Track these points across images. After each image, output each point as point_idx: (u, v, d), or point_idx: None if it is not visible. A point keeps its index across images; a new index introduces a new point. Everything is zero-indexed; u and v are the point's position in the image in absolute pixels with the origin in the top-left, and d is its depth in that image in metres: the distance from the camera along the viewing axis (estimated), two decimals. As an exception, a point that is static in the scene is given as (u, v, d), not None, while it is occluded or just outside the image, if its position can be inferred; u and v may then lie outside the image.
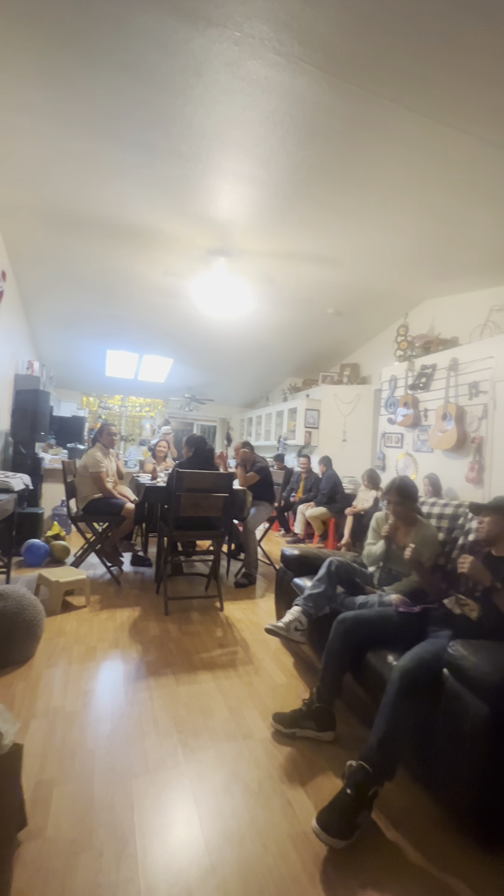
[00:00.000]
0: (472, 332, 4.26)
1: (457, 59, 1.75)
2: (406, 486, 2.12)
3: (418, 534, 2.05)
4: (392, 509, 2.11)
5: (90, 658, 2.19)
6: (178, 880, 1.11)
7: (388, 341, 5.69)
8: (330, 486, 5.28)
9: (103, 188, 3.02)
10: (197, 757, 1.54)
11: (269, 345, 6.57)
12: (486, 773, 1.21)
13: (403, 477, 2.22)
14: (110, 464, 3.71)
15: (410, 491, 2.12)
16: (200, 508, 2.92)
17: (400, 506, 2.08)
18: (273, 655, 2.36)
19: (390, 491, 2.12)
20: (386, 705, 1.38)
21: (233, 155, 2.57)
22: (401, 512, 2.09)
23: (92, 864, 1.13)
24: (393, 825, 1.33)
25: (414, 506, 2.14)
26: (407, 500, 2.10)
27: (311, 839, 1.24)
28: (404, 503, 2.09)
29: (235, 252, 3.85)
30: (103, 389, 8.84)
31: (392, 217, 3.11)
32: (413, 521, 2.10)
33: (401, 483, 2.13)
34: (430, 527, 2.10)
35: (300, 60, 1.85)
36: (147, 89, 2.10)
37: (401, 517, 2.10)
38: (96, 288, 4.86)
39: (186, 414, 9.53)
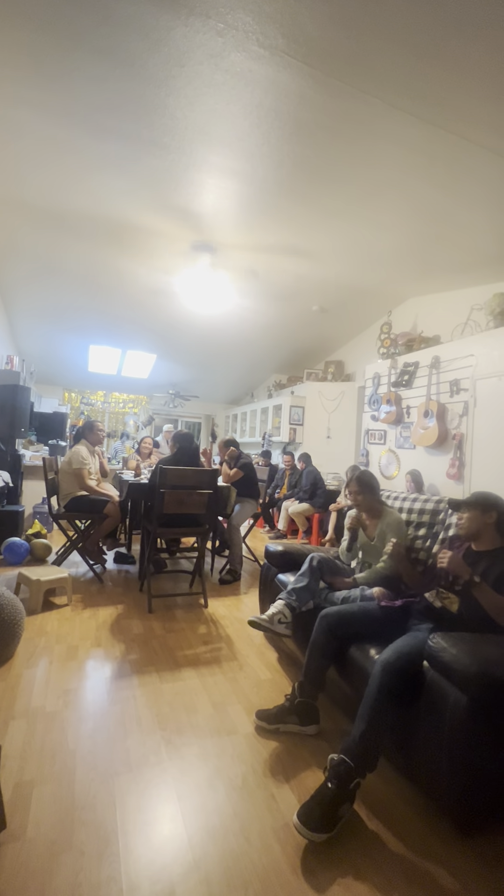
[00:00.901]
0: (454, 330, 4.33)
1: (439, 58, 1.76)
2: (365, 476, 2.21)
3: (384, 521, 2.13)
4: (353, 499, 2.19)
5: (72, 657, 2.16)
6: (161, 877, 1.11)
7: (371, 339, 5.74)
8: (311, 483, 5.31)
9: (83, 179, 2.96)
10: (180, 754, 1.54)
11: (253, 341, 6.56)
12: (464, 762, 1.24)
13: (363, 469, 2.31)
14: (95, 461, 3.66)
15: (370, 480, 2.21)
16: (185, 505, 2.91)
17: (360, 495, 2.18)
18: (257, 651, 2.37)
19: (350, 482, 2.22)
20: (368, 698, 1.39)
21: (216, 148, 2.54)
22: (362, 501, 2.18)
23: (73, 864, 1.12)
24: (374, 815, 1.35)
25: (376, 495, 2.22)
26: (367, 489, 2.18)
27: (293, 831, 1.25)
28: (364, 492, 2.17)
29: (220, 247, 3.82)
30: (86, 385, 8.70)
31: (376, 214, 3.12)
32: (378, 512, 2.19)
33: (360, 474, 2.23)
34: (393, 513, 2.20)
35: (284, 54, 1.83)
36: (127, 78, 2.06)
37: (364, 507, 2.19)
38: (78, 282, 4.77)
39: (171, 410, 9.46)
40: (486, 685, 1.23)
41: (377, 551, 2.12)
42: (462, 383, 3.90)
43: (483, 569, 1.63)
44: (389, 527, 2.11)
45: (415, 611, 1.75)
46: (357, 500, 2.19)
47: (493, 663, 1.28)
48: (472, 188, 2.64)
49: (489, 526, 1.68)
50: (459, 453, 3.85)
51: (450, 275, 4.13)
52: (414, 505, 2.32)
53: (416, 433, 4.33)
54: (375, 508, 2.20)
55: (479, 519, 1.68)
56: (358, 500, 2.19)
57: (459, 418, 3.90)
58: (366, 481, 2.19)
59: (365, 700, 1.40)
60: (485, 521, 1.68)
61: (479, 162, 2.37)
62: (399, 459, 4.65)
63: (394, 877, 1.16)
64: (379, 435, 4.99)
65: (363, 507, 2.19)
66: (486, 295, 3.89)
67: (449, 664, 1.30)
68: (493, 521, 1.67)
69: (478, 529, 1.69)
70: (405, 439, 4.57)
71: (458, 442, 3.86)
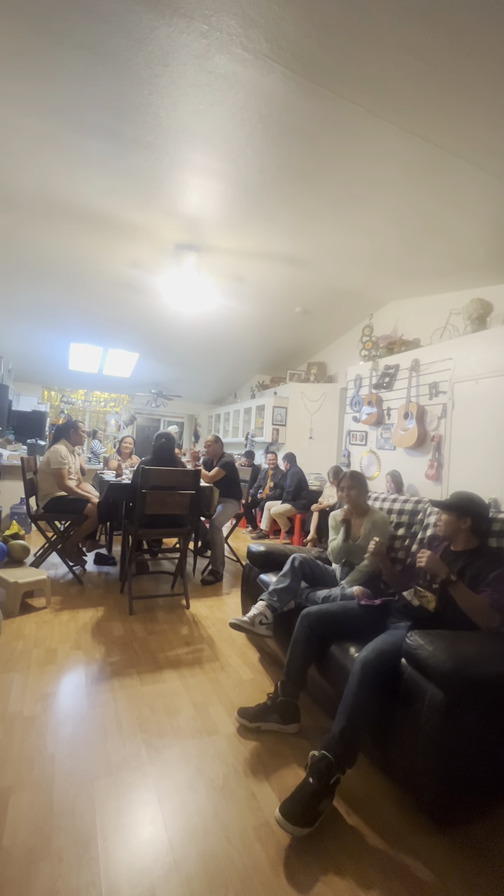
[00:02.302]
0: (433, 334, 4.42)
1: (419, 69, 1.80)
2: (358, 474, 2.31)
3: (369, 520, 2.19)
4: (346, 493, 2.26)
5: (50, 661, 2.13)
6: (142, 880, 1.10)
7: (353, 341, 5.82)
8: (295, 483, 5.35)
9: (65, 174, 2.91)
10: (161, 756, 1.53)
11: (237, 341, 6.56)
12: (440, 756, 1.27)
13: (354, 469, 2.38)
14: (74, 461, 3.60)
15: (362, 478, 2.31)
16: (166, 506, 2.89)
17: (353, 489, 2.24)
18: (239, 651, 2.38)
19: (344, 478, 2.31)
20: (348, 695, 1.42)
21: (201, 149, 2.54)
22: (353, 496, 2.24)
23: (51, 870, 1.11)
24: (353, 810, 1.38)
25: (365, 495, 2.30)
26: (359, 485, 2.27)
27: (274, 829, 1.27)
28: (356, 487, 2.25)
29: (203, 247, 3.81)
30: (66, 383, 8.55)
31: (358, 218, 3.17)
32: (364, 511, 2.26)
33: (353, 472, 2.34)
34: (379, 512, 2.27)
35: (268, 58, 1.85)
36: (110, 75, 2.04)
37: (353, 502, 2.25)
38: (59, 278, 4.69)
39: (153, 410, 9.38)
40: (461, 681, 1.27)
41: (361, 551, 2.15)
42: (441, 386, 3.98)
43: (459, 568, 1.67)
44: (375, 525, 2.17)
45: (393, 609, 1.79)
46: (350, 494, 2.25)
47: (468, 660, 1.32)
48: (453, 196, 2.70)
49: (465, 529, 1.73)
50: (438, 454, 3.94)
51: (430, 279, 4.22)
52: (394, 505, 2.37)
53: (396, 434, 4.40)
54: (362, 507, 2.26)
55: (454, 523, 1.74)
56: (351, 494, 2.24)
57: (438, 420, 3.99)
58: (359, 477, 2.28)
59: (345, 697, 1.42)
60: (460, 526, 1.73)
61: (459, 172, 2.43)
62: (380, 460, 4.73)
63: (372, 870, 1.18)
64: (360, 436, 5.06)
65: (352, 502, 2.25)
66: (464, 300, 3.99)
67: (425, 661, 1.33)
68: (468, 526, 1.73)
69: (454, 532, 1.74)
70: (386, 440, 4.64)
71: (437, 443, 3.95)
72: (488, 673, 1.32)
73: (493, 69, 1.76)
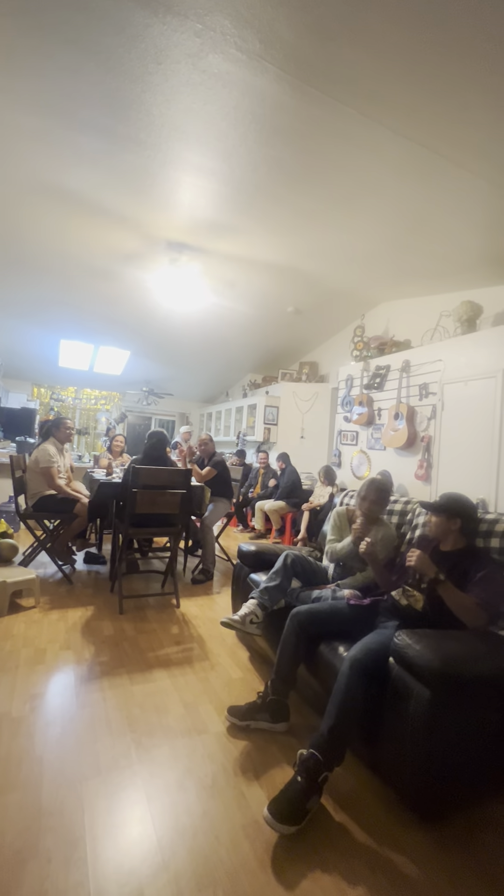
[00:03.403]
0: (424, 335, 4.46)
1: (412, 74, 1.81)
2: (385, 489, 2.16)
3: (378, 532, 2.12)
4: (367, 507, 2.13)
5: (39, 661, 2.12)
6: (130, 879, 1.11)
7: (345, 341, 5.84)
8: (291, 483, 5.35)
9: (56, 170, 2.88)
10: (151, 755, 1.54)
11: (229, 340, 6.56)
12: (426, 753, 1.29)
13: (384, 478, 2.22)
14: (63, 459, 3.57)
15: (386, 494, 2.17)
16: (157, 505, 2.88)
17: (375, 504, 2.13)
18: (229, 650, 2.39)
19: (370, 489, 2.15)
20: (336, 694, 1.43)
21: (194, 147, 2.53)
22: (369, 510, 2.13)
23: (39, 871, 1.11)
24: (341, 807, 1.39)
25: (385, 507, 2.21)
26: (382, 502, 2.16)
27: (263, 828, 1.28)
28: (379, 503, 2.14)
29: (195, 245, 3.80)
30: (56, 380, 8.47)
31: (350, 220, 3.18)
32: (376, 520, 2.18)
33: (380, 484, 2.16)
34: (390, 527, 2.19)
35: (261, 59, 1.85)
36: (103, 71, 2.03)
37: (367, 514, 2.15)
38: (49, 274, 4.64)
39: (144, 408, 9.33)
40: (448, 680, 1.29)
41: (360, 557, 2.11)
42: (431, 387, 4.02)
43: (448, 568, 1.70)
44: (383, 541, 2.07)
45: (382, 609, 1.81)
46: (371, 509, 2.13)
47: (455, 659, 1.34)
48: (444, 199, 2.72)
49: (455, 530, 1.75)
50: (427, 455, 3.98)
51: (421, 281, 4.25)
52: (383, 505, 2.39)
53: (386, 435, 4.44)
54: (375, 518, 2.18)
55: (444, 524, 1.76)
56: (372, 509, 2.13)
57: (428, 421, 4.03)
58: (384, 494, 2.13)
59: (333, 696, 1.44)
60: (450, 527, 1.75)
61: (451, 175, 2.44)
62: (370, 460, 4.76)
63: (359, 866, 1.20)
64: (351, 436, 5.09)
65: (370, 515, 2.15)
66: (454, 302, 4.03)
67: (413, 660, 1.35)
68: (457, 527, 1.75)
69: (444, 533, 1.77)
70: (376, 440, 4.68)
71: (427, 444, 3.99)
72: (474, 672, 1.35)
73: (486, 74, 1.77)
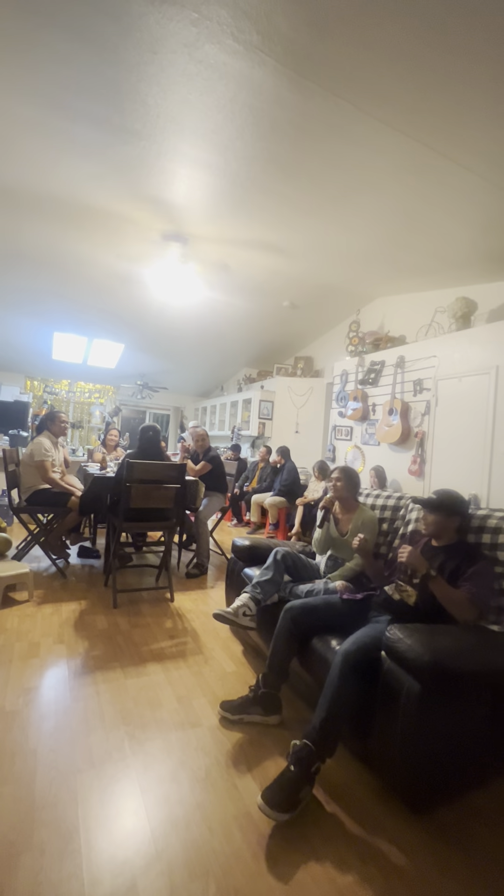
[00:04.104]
0: (419, 331, 4.47)
1: (411, 70, 1.80)
2: (351, 469, 2.31)
3: (359, 518, 2.19)
4: (333, 485, 2.26)
5: (33, 655, 2.12)
6: (123, 870, 1.12)
7: (340, 336, 5.84)
8: (292, 478, 5.34)
9: (50, 160, 2.84)
10: (144, 748, 1.55)
11: (225, 334, 6.53)
12: (416, 745, 1.32)
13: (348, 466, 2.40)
14: (58, 453, 3.56)
15: (354, 475, 2.29)
16: (151, 500, 2.88)
17: (340, 482, 2.24)
18: (223, 644, 2.40)
19: (336, 469, 2.30)
20: (329, 687, 1.45)
21: (189, 139, 2.50)
22: (341, 489, 2.24)
23: (33, 863, 1.12)
24: (333, 798, 1.42)
25: (355, 490, 2.30)
26: (350, 480, 2.26)
27: (255, 819, 1.30)
28: (344, 480, 2.24)
29: (191, 238, 3.77)
30: (49, 373, 8.40)
31: (346, 215, 3.17)
32: (353, 507, 2.26)
33: (347, 466, 2.34)
34: (369, 511, 2.26)
35: (259, 51, 1.82)
36: (98, 60, 1.99)
37: (341, 496, 2.25)
38: (42, 266, 4.59)
39: (139, 402, 9.29)
40: (438, 673, 1.31)
41: (348, 547, 2.17)
42: (425, 383, 4.04)
43: (440, 563, 1.72)
44: (364, 525, 2.16)
45: (375, 603, 1.82)
46: (336, 486, 2.25)
47: (445, 653, 1.36)
48: (441, 196, 2.72)
49: (452, 528, 1.78)
50: (421, 450, 4.00)
51: (416, 277, 4.25)
52: (377, 501, 2.40)
53: (380, 430, 4.46)
54: (352, 503, 2.27)
55: (443, 522, 1.78)
56: (337, 486, 2.25)
57: (422, 417, 4.05)
58: (349, 472, 2.28)
59: (326, 688, 1.46)
60: (448, 525, 1.77)
61: (447, 172, 2.44)
62: (364, 455, 4.78)
63: (350, 856, 1.22)
64: (346, 431, 5.10)
65: (340, 495, 2.25)
66: (449, 298, 4.04)
67: (404, 654, 1.37)
68: (455, 525, 1.77)
69: (441, 530, 1.79)
70: (370, 436, 4.70)
71: (420, 440, 4.01)
72: (464, 666, 1.37)
73: (484, 71, 1.77)
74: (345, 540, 2.20)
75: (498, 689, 1.42)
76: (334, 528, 2.26)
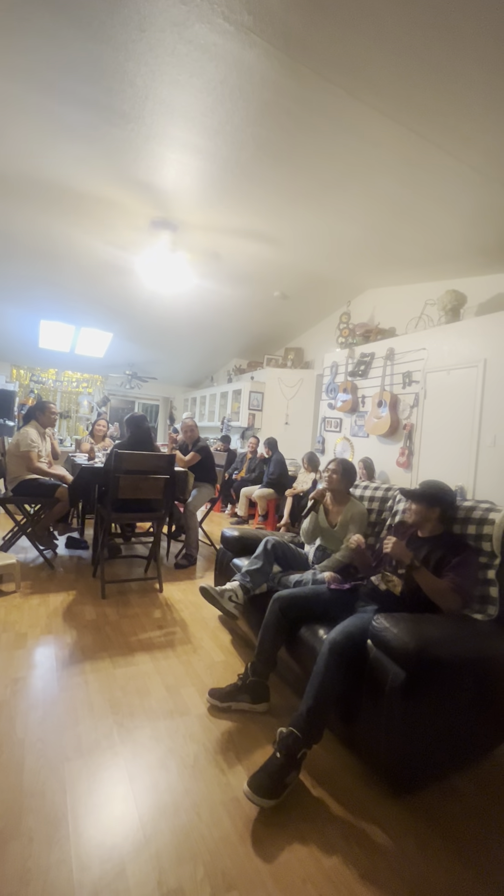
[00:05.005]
0: (408, 323, 4.48)
1: (405, 57, 1.77)
2: (349, 463, 2.31)
3: (349, 511, 2.21)
4: (328, 476, 2.26)
5: (20, 646, 2.11)
6: (112, 856, 1.13)
7: (331, 328, 5.83)
8: (279, 470, 5.35)
9: (35, 142, 2.75)
10: (133, 737, 1.56)
11: (215, 324, 6.47)
12: (400, 730, 1.35)
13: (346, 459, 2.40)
14: (45, 444, 3.51)
15: (352, 468, 2.30)
16: (140, 490, 2.87)
17: (336, 474, 2.24)
18: (212, 634, 2.42)
19: (335, 460, 2.29)
20: (316, 675, 1.47)
21: (179, 122, 2.45)
22: (335, 481, 2.24)
23: (21, 851, 1.12)
24: (319, 783, 1.45)
25: (349, 485, 2.30)
26: (346, 474, 2.26)
27: (243, 804, 1.32)
28: (342, 474, 2.24)
29: (180, 225, 3.71)
30: (36, 362, 8.25)
31: (337, 204, 3.14)
32: (345, 500, 2.26)
33: (345, 459, 2.33)
34: (359, 504, 2.28)
35: (250, 32, 1.78)
36: (84, 36, 1.93)
37: (335, 488, 2.25)
38: (28, 251, 4.48)
39: (127, 392, 9.20)
40: (422, 661, 1.34)
41: (338, 538, 2.20)
42: (414, 375, 4.07)
43: (425, 554, 1.74)
44: (353, 518, 2.17)
45: (362, 593, 1.85)
46: (332, 478, 2.25)
47: (430, 641, 1.39)
48: (432, 187, 2.71)
49: (434, 518, 1.80)
50: (409, 443, 4.04)
51: (407, 269, 4.25)
52: (365, 492, 2.43)
53: (369, 422, 4.48)
54: (343, 496, 2.27)
55: (425, 512, 1.80)
56: (333, 478, 2.24)
57: (410, 409, 4.08)
58: (347, 466, 2.28)
59: (313, 677, 1.48)
60: (430, 515, 1.80)
61: (440, 163, 2.43)
62: (353, 447, 4.81)
63: (334, 838, 1.25)
64: (335, 423, 5.12)
65: (334, 487, 2.25)
66: (439, 291, 4.05)
67: (390, 642, 1.40)
68: (437, 515, 1.80)
69: (424, 520, 1.81)
70: (359, 428, 4.72)
71: (409, 432, 4.05)
72: (447, 654, 1.40)
73: (478, 62, 1.75)
74: (334, 531, 2.22)
75: (479, 675, 1.46)
76: (324, 519, 2.28)
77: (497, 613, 1.64)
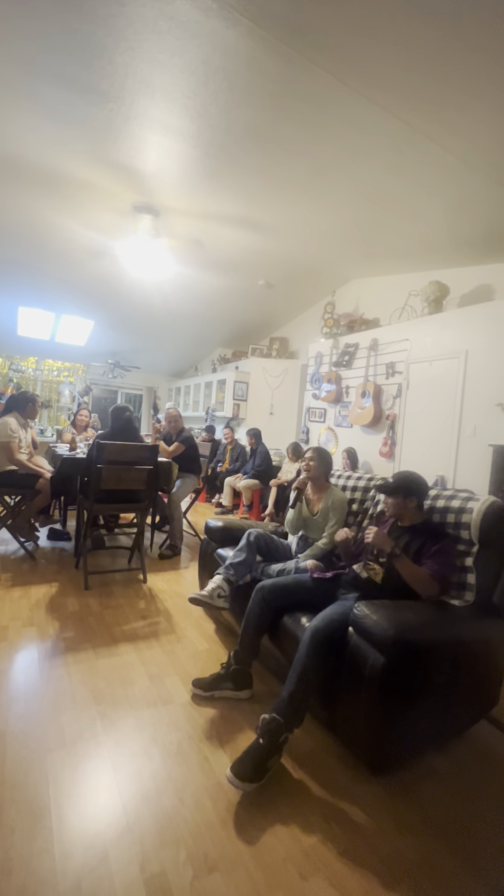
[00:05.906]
0: (392, 314, 4.50)
1: (390, 42, 1.75)
2: (324, 450, 2.35)
3: (329, 498, 2.24)
4: (306, 465, 2.29)
5: (1, 638, 2.08)
6: (95, 843, 1.14)
7: (315, 318, 5.82)
8: (265, 462, 5.36)
9: (9, 117, 2.64)
10: (116, 726, 1.57)
11: (199, 313, 6.39)
12: (378, 714, 1.38)
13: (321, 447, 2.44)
14: (25, 434, 3.44)
15: (327, 455, 2.34)
16: (123, 481, 2.84)
17: (313, 461, 2.28)
18: (195, 623, 2.43)
19: (310, 449, 2.34)
20: (298, 661, 1.50)
21: (160, 103, 2.37)
22: (314, 468, 2.28)
23: (3, 841, 1.12)
24: (299, 766, 1.48)
25: (327, 471, 2.35)
26: (323, 460, 2.30)
27: (225, 789, 1.34)
28: (318, 461, 2.28)
29: (163, 210, 3.63)
30: (15, 350, 8.03)
31: (322, 192, 3.12)
32: (325, 488, 2.30)
33: (320, 447, 2.38)
34: (339, 492, 2.31)
35: (234, 10, 1.73)
36: (61, 9, 1.85)
37: (314, 476, 2.28)
38: (4, 235, 4.32)
39: (110, 381, 9.04)
40: (401, 647, 1.37)
41: (319, 527, 2.23)
42: (397, 366, 4.10)
43: (405, 542, 1.78)
44: (333, 506, 2.21)
45: (344, 581, 1.88)
46: (309, 465, 2.28)
47: (408, 627, 1.42)
48: (418, 176, 2.70)
49: (412, 508, 1.83)
50: (392, 433, 4.09)
51: (391, 259, 4.26)
52: (348, 482, 2.45)
53: (353, 412, 4.52)
54: (323, 484, 2.30)
55: (401, 504, 1.83)
56: (311, 465, 2.27)
57: (393, 399, 4.12)
58: (322, 453, 2.32)
59: (295, 663, 1.50)
60: (406, 506, 1.83)
61: (426, 152, 2.41)
62: (337, 437, 4.85)
63: (314, 818, 1.28)
64: (319, 413, 5.15)
65: (313, 475, 2.28)
66: (423, 282, 4.07)
67: (370, 629, 1.42)
68: (413, 505, 1.83)
69: (401, 511, 1.84)
70: (343, 418, 4.75)
71: (391, 422, 4.09)
72: (425, 639, 1.44)
73: (468, 52, 1.74)
74: (315, 520, 2.25)
75: (455, 659, 1.50)
76: (306, 508, 2.30)
77: (474, 599, 1.68)
